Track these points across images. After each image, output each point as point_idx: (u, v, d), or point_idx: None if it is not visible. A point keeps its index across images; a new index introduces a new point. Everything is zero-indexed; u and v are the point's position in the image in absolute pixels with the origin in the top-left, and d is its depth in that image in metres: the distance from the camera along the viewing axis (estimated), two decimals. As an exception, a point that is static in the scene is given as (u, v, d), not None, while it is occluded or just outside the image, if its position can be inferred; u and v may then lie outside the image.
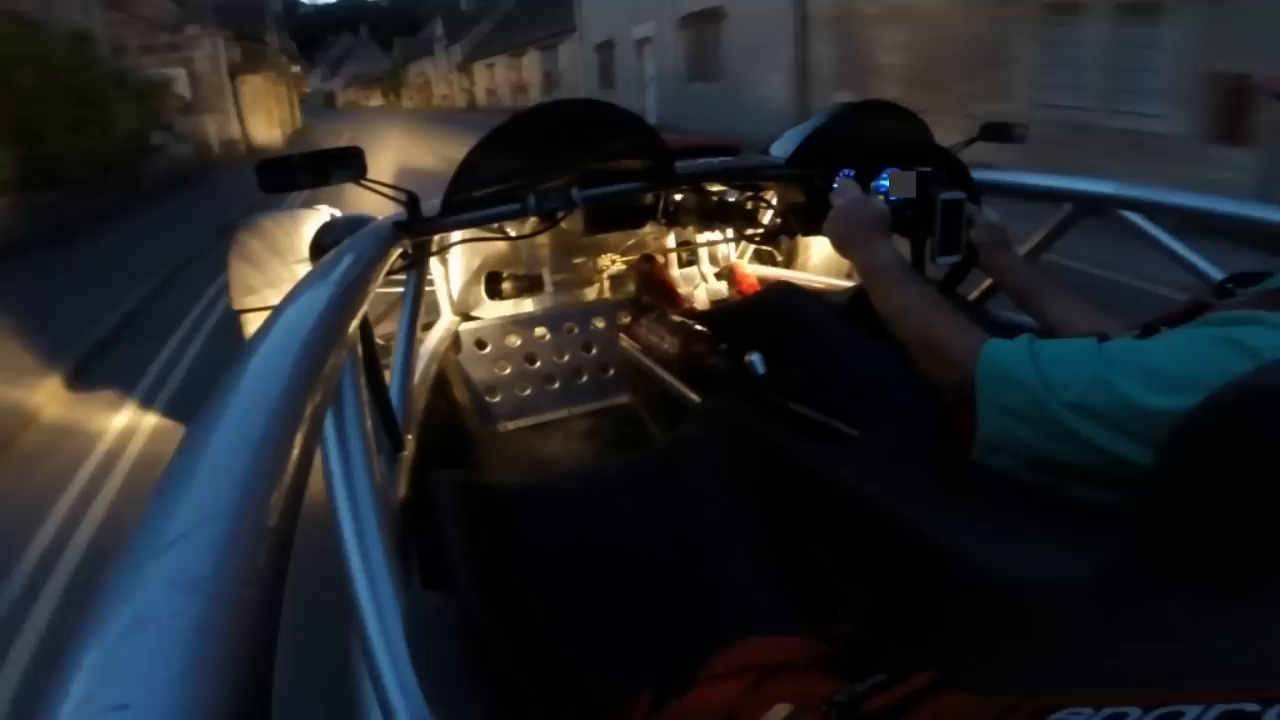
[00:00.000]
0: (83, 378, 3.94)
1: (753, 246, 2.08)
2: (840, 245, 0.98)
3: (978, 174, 1.30)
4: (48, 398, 3.65)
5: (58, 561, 2.36)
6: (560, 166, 1.32)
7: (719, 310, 1.80)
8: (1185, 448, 0.49)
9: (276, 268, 1.90)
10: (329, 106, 59.57)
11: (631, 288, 1.91)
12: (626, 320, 1.73)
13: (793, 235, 1.88)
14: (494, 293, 1.81)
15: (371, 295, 0.82)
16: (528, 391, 1.73)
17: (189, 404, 3.42)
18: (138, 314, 5.06)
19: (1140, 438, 0.61)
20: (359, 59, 65.14)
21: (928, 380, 0.83)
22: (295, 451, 0.40)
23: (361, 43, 67.29)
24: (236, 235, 1.96)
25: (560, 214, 1.35)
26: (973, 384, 0.72)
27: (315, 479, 0.45)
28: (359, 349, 0.74)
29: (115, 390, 3.74)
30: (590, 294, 1.97)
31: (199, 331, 4.63)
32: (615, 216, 1.74)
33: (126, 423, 3.41)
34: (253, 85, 18.47)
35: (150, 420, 3.41)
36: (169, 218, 8.76)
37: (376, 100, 58.81)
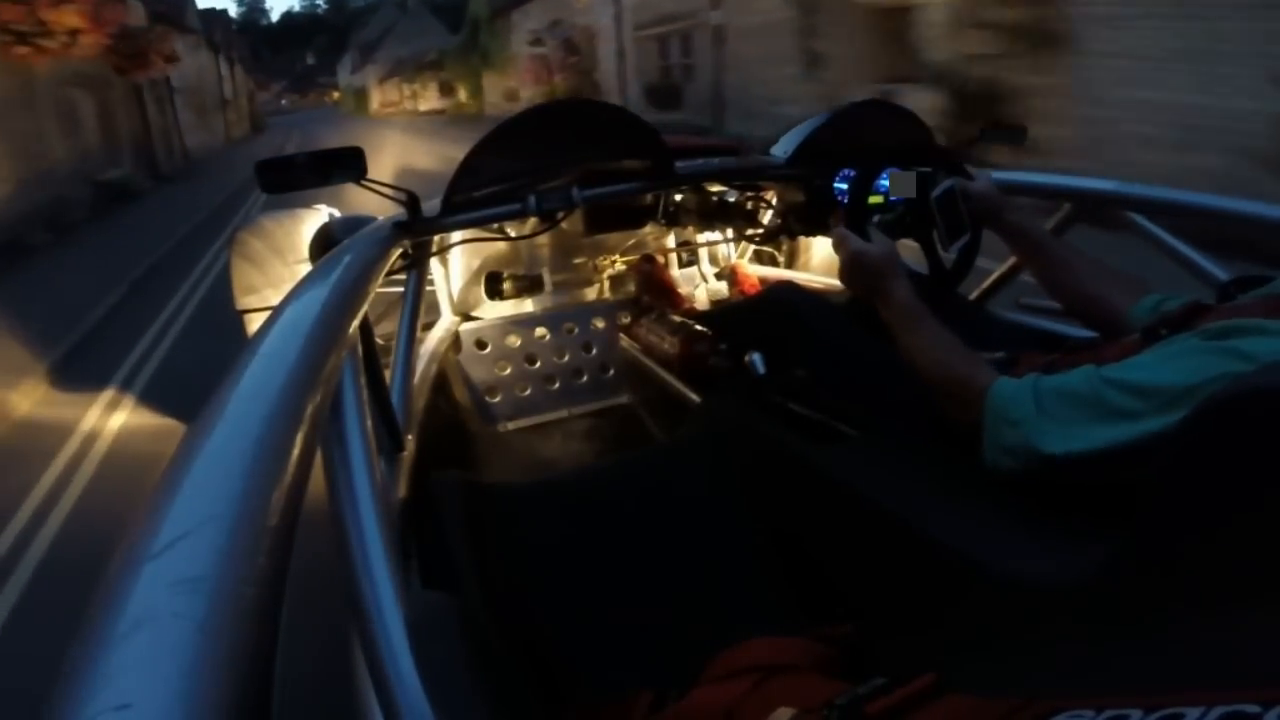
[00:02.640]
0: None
1: (753, 246, 2.08)
2: (861, 297, 0.99)
3: (978, 174, 1.30)
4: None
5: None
6: (560, 166, 1.32)
7: (719, 310, 1.80)
8: (1186, 449, 0.49)
9: (277, 268, 1.90)
10: (360, 111, 42.36)
11: (631, 288, 1.90)
12: (626, 320, 1.73)
13: (793, 235, 1.87)
14: (494, 293, 1.81)
15: (371, 295, 0.82)
16: (528, 392, 1.73)
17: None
18: None
19: (1142, 457, 0.62)
20: (403, 37, 40.39)
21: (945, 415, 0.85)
22: (295, 451, 0.40)
23: (408, 16, 43.17)
24: (238, 236, 1.97)
25: (560, 214, 1.35)
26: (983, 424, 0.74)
27: (315, 479, 0.45)
28: (359, 349, 0.74)
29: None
30: (590, 294, 1.97)
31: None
32: (615, 216, 1.74)
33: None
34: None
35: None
36: None
37: (430, 100, 34.45)
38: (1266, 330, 0.62)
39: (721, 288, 2.07)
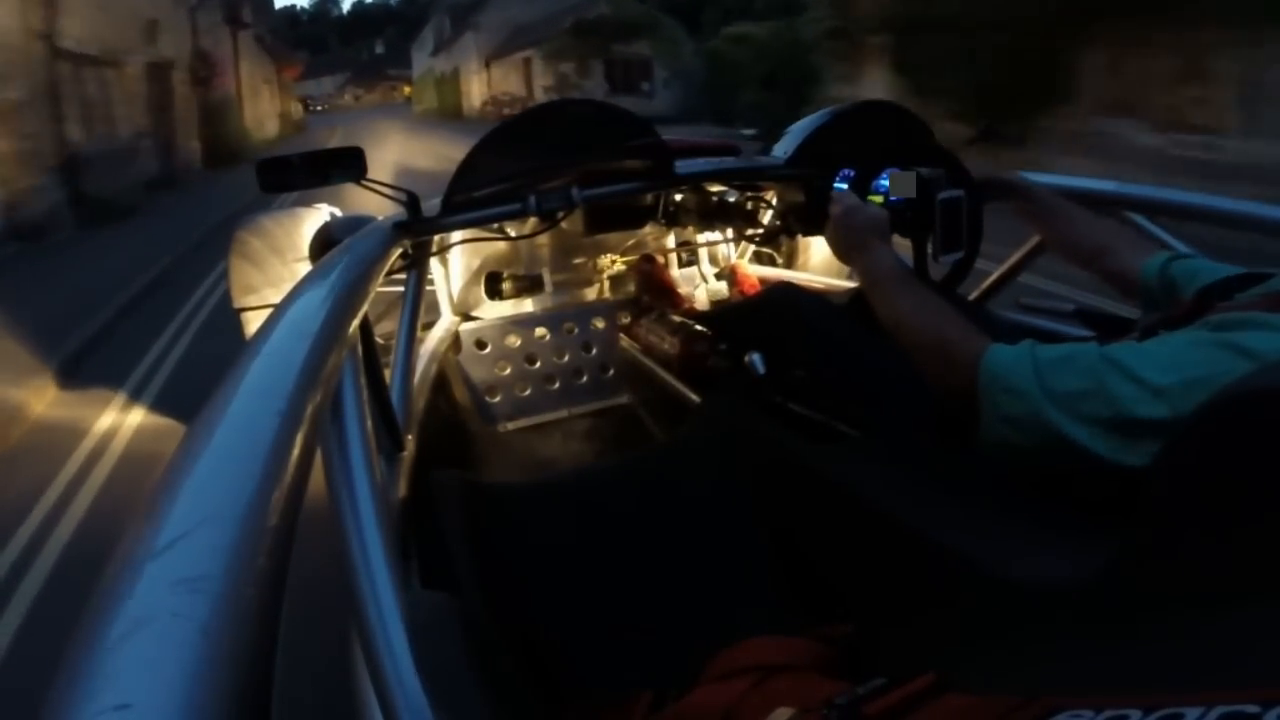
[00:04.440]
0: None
1: (753, 247, 2.08)
2: (841, 254, 0.99)
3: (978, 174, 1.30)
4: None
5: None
6: (560, 166, 1.32)
7: (719, 310, 1.80)
8: (1187, 448, 0.49)
9: (277, 267, 1.90)
10: (445, 107, 28.58)
11: (631, 288, 1.91)
12: (626, 320, 1.73)
13: (793, 235, 1.88)
14: (494, 293, 1.81)
15: (371, 295, 0.82)
16: (528, 391, 1.73)
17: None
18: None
19: (1138, 446, 0.62)
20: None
21: (929, 383, 0.84)
22: (295, 451, 0.40)
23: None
24: (237, 234, 1.97)
25: (560, 214, 1.35)
26: (975, 392, 0.72)
27: (315, 479, 0.45)
28: (359, 349, 0.74)
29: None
30: (590, 294, 1.97)
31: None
32: (615, 216, 1.74)
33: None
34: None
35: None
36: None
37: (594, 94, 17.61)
38: (1269, 325, 0.62)
39: (721, 288, 2.07)
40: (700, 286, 2.06)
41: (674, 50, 16.45)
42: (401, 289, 1.22)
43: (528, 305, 1.87)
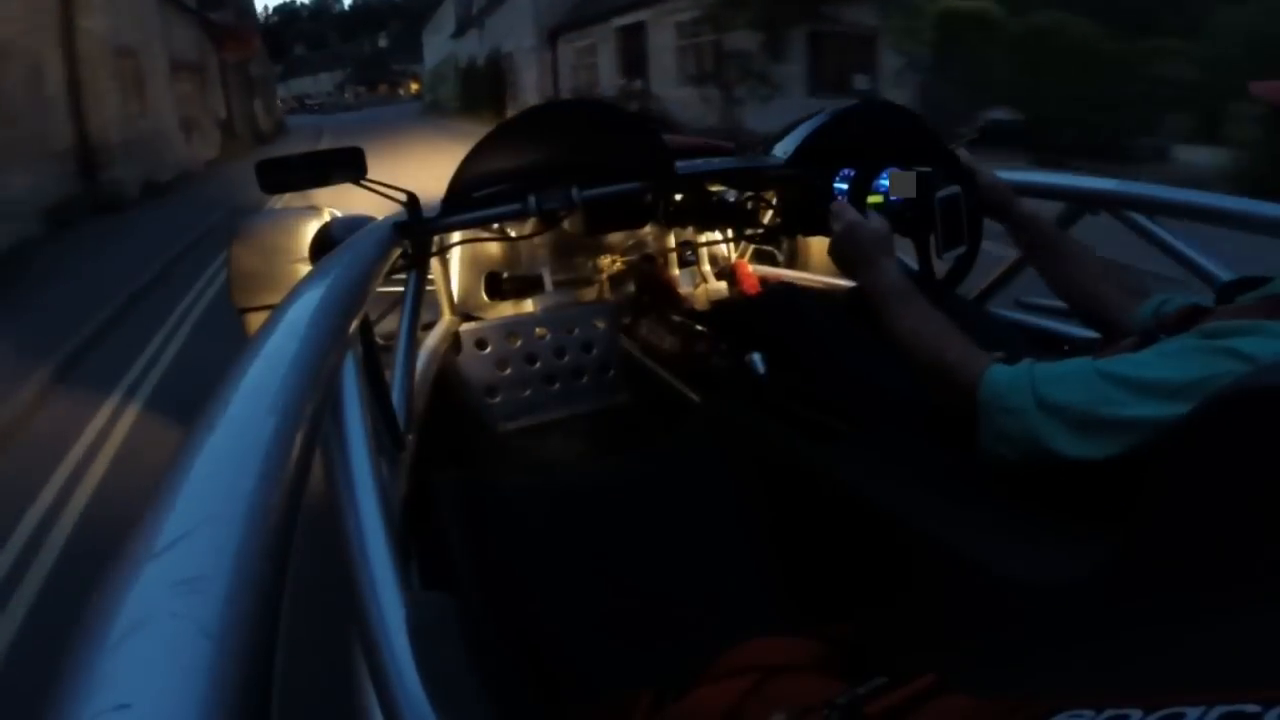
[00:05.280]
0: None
1: (753, 246, 2.08)
2: (845, 270, 0.99)
3: (980, 170, 1.30)
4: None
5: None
6: (560, 166, 1.32)
7: (719, 310, 1.80)
8: (1186, 448, 0.49)
9: (277, 267, 1.90)
10: (476, 111, 18.68)
11: (631, 288, 1.90)
12: (626, 320, 1.73)
13: (793, 235, 1.88)
14: (494, 293, 1.81)
15: (371, 295, 0.82)
16: (528, 392, 1.73)
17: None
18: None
19: (1136, 451, 0.62)
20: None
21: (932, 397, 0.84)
22: (295, 451, 0.40)
23: None
24: (238, 234, 1.97)
25: (560, 214, 1.35)
26: (976, 410, 0.73)
27: (315, 479, 0.45)
28: (359, 349, 0.74)
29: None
30: (590, 294, 1.97)
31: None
32: (615, 216, 1.74)
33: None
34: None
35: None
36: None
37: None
38: (1266, 331, 0.62)
39: (721, 288, 2.07)
40: (700, 286, 2.06)
41: (913, 26, 9.08)
42: (401, 289, 1.22)
43: (528, 305, 1.87)
